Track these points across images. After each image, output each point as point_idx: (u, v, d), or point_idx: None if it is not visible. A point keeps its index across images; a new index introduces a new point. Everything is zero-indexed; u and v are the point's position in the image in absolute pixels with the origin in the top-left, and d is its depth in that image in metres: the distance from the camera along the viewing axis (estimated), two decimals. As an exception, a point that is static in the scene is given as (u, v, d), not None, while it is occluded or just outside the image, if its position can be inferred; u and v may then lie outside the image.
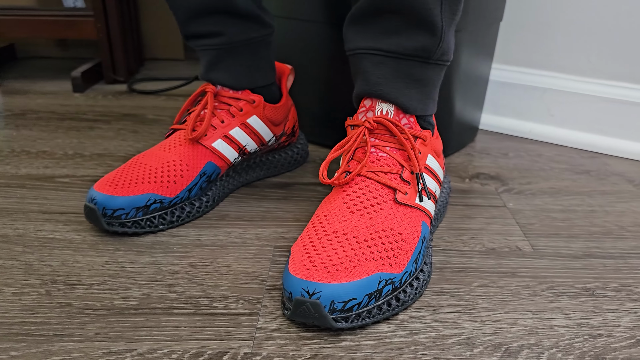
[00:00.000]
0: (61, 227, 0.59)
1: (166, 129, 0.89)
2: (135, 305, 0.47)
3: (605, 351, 0.43)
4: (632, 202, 0.68)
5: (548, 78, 0.86)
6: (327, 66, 0.78)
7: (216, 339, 0.43)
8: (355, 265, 0.44)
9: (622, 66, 0.81)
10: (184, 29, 0.63)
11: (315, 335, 0.44)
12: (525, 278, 0.52)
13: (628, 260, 0.55)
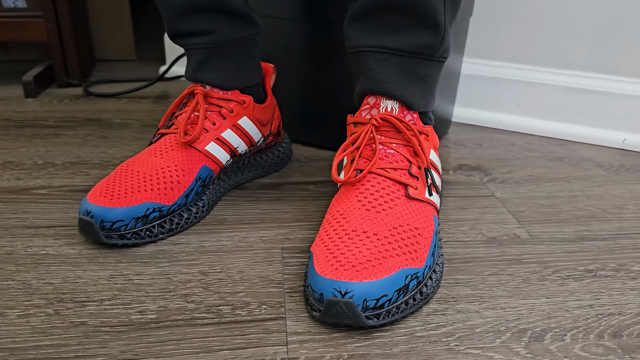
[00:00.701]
0: (52, 241, 0.56)
1: (136, 133, 0.86)
2: (155, 318, 0.45)
3: (620, 328, 0.45)
4: (606, 185, 0.72)
5: (514, 70, 0.90)
6: (306, 64, 0.77)
7: (248, 347, 0.42)
8: (381, 262, 0.44)
9: (583, 56, 0.85)
10: (172, 26, 0.61)
11: (346, 335, 0.44)
12: (530, 264, 0.54)
13: (618, 241, 0.58)
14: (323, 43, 0.76)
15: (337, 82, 0.77)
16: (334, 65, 0.76)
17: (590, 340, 0.44)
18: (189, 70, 0.63)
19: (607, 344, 0.43)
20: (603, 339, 0.44)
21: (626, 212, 0.65)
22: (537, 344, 0.43)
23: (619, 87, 0.83)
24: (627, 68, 0.83)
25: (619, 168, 0.78)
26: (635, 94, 0.82)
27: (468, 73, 0.91)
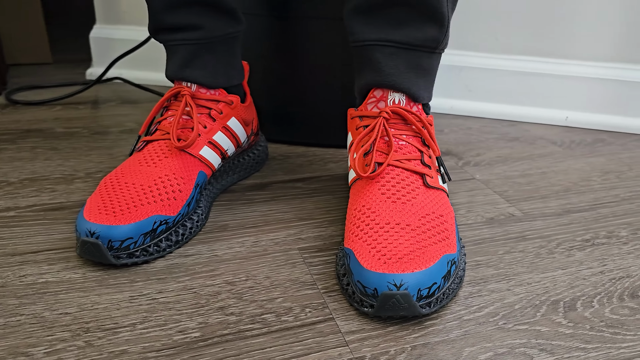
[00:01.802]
0: (46, 267, 0.50)
1: (89, 142, 0.80)
2: (200, 336, 0.43)
3: (634, 289, 0.49)
4: (567, 161, 0.78)
5: (464, 57, 0.94)
6: (277, 60, 0.76)
7: (311, 352, 0.41)
8: (423, 252, 0.45)
9: (526, 42, 0.91)
10: (158, 20, 0.57)
11: (399, 328, 0.44)
12: (534, 239, 0.57)
13: (598, 211, 0.64)
14: (290, 39, 0.75)
15: (307, 78, 0.76)
16: (303, 61, 0.75)
17: (614, 304, 0.47)
18: (173, 68, 0.60)
19: (630, 305, 0.47)
20: (624, 301, 0.48)
21: (594, 184, 0.71)
22: (573, 313, 0.46)
23: (559, 69, 0.90)
24: (566, 51, 0.90)
25: (570, 144, 0.85)
26: (575, 75, 0.90)
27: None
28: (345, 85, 0.76)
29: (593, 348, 0.42)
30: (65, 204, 0.62)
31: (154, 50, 1.01)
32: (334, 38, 0.74)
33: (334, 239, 0.57)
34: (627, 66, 0.88)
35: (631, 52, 0.87)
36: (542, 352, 0.41)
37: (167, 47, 0.60)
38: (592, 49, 0.89)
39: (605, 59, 0.89)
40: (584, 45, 0.89)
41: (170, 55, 0.60)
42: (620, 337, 0.43)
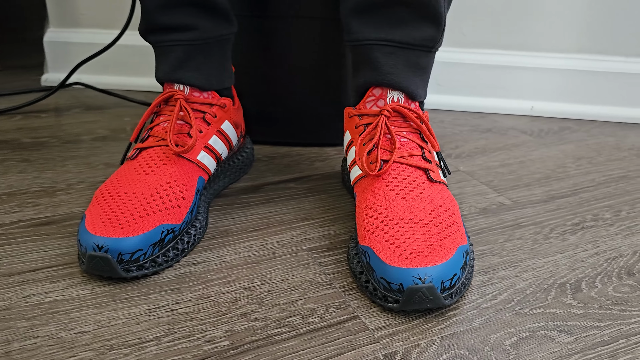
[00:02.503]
0: (50, 286, 0.48)
1: (63, 152, 0.77)
2: (230, 344, 0.42)
3: (629, 268, 0.53)
4: (540, 149, 0.82)
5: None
6: (257, 60, 0.75)
7: (345, 352, 0.42)
8: (440, 245, 0.46)
9: (491, 36, 0.95)
10: (151, 19, 0.55)
11: (424, 320, 0.45)
12: (529, 226, 0.60)
13: (580, 195, 0.67)
14: (271, 38, 0.74)
15: (288, 78, 0.76)
16: (283, 61, 0.75)
17: (615, 282, 0.50)
18: (165, 70, 0.58)
19: (629, 282, 0.50)
20: (622, 279, 0.51)
21: (570, 170, 0.74)
22: (580, 294, 0.48)
23: (525, 61, 0.94)
24: (531, 44, 0.94)
25: (540, 132, 0.88)
26: (539, 67, 0.94)
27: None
28: (327, 83, 0.77)
29: (606, 325, 0.45)
30: (53, 218, 0.59)
31: (115, 54, 0.98)
32: (314, 37, 0.74)
33: (340, 238, 0.57)
34: (590, 57, 0.93)
35: (593, 44, 0.92)
36: (561, 333, 0.44)
37: (158, 49, 0.58)
38: (556, 42, 0.93)
39: (568, 50, 0.93)
40: (548, 38, 0.93)
41: (161, 57, 0.58)
42: (627, 314, 0.46)
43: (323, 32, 0.74)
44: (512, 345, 0.42)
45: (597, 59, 0.93)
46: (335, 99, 0.78)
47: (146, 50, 1.03)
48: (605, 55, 0.93)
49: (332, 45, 0.75)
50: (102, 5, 1.04)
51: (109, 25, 1.05)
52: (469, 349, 0.42)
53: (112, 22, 1.04)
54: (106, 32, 1.04)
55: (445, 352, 0.42)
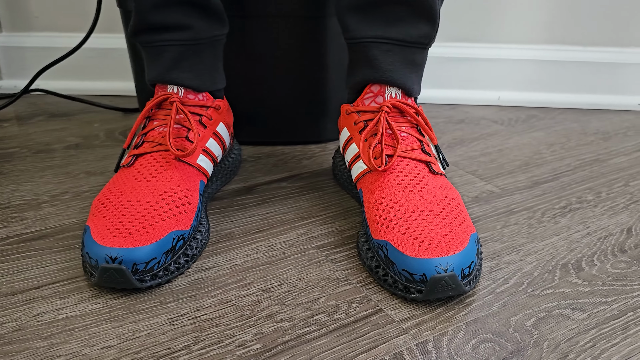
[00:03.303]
0: (59, 302, 0.46)
1: (37, 162, 0.74)
2: (262, 347, 0.42)
3: (620, 245, 0.56)
4: (514, 137, 0.85)
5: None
6: (237, 60, 0.74)
7: (377, 345, 0.42)
8: (454, 234, 0.48)
9: (459, 29, 0.97)
10: (145, 19, 0.54)
11: (445, 308, 0.46)
12: (521, 212, 0.62)
13: (561, 179, 0.71)
14: (251, 37, 0.74)
15: (270, 77, 0.76)
16: (264, 60, 0.74)
17: (611, 260, 0.53)
18: (158, 70, 0.57)
19: (623, 259, 0.54)
20: (617, 256, 0.54)
21: (546, 156, 0.78)
22: (583, 273, 0.51)
23: (491, 53, 0.98)
24: (496, 36, 0.97)
25: (510, 121, 0.92)
26: (503, 58, 0.97)
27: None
28: (309, 82, 0.77)
29: (612, 300, 0.47)
30: (44, 232, 0.57)
31: (74, 58, 0.95)
32: (295, 36, 0.74)
33: (346, 234, 0.58)
34: (553, 47, 0.97)
35: (556, 34, 0.97)
36: (575, 310, 0.46)
37: (151, 49, 0.57)
38: (520, 33, 0.97)
39: (531, 42, 0.97)
40: (512, 29, 0.97)
41: (154, 58, 0.57)
42: (629, 288, 0.49)
43: (303, 31, 0.74)
44: (533, 325, 0.44)
45: (558, 49, 0.97)
46: (317, 97, 0.78)
47: (108, 53, 1.00)
48: (565, 45, 0.97)
49: (312, 44, 0.75)
50: (56, 8, 1.00)
51: (64, 28, 1.01)
52: (495, 333, 0.43)
53: (68, 25, 1.00)
54: (63, 35, 1.00)
55: (473, 337, 0.43)
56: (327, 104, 0.79)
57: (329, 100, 0.79)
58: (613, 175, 0.72)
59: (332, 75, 0.77)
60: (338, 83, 0.79)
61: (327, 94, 0.79)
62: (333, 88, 0.79)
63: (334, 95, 0.79)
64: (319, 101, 0.79)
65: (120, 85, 1.02)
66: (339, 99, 0.80)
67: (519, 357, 0.41)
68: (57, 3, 0.99)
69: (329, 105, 0.79)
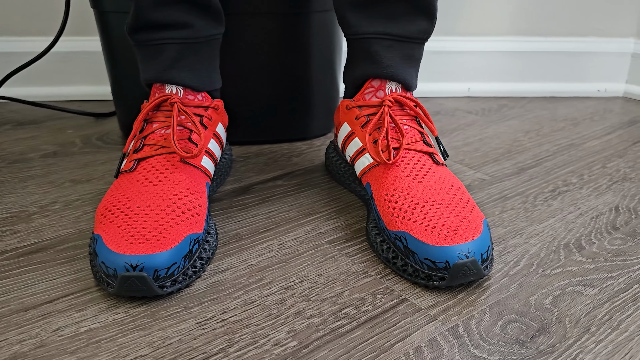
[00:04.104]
0: (77, 315, 0.45)
1: (15, 173, 0.70)
2: (299, 344, 0.42)
3: (612, 223, 0.59)
4: (490, 126, 0.88)
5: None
6: (220, 59, 0.74)
7: (411, 333, 0.43)
8: (469, 221, 0.49)
9: (428, 24, 1.00)
10: (144, 16, 0.53)
11: (466, 293, 0.48)
12: (514, 197, 0.65)
13: (543, 165, 0.74)
14: (233, 36, 0.73)
15: (253, 75, 0.75)
16: (247, 58, 0.74)
17: (607, 237, 0.56)
18: (157, 69, 0.55)
19: (617, 236, 0.57)
20: (612, 234, 0.57)
21: (524, 142, 0.81)
22: (585, 251, 0.54)
23: (459, 46, 1.00)
24: (465, 29, 1.00)
25: (483, 111, 0.95)
26: (472, 50, 1.01)
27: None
28: (292, 79, 0.77)
29: (617, 275, 0.50)
30: (42, 244, 0.55)
31: (38, 63, 0.91)
32: (275, 33, 0.74)
33: (353, 228, 0.58)
34: (519, 39, 1.01)
35: (523, 26, 1.01)
36: (586, 287, 0.48)
37: (148, 48, 0.55)
38: (488, 26, 1.00)
39: (499, 33, 1.01)
40: (480, 22, 1.00)
41: (151, 57, 0.55)
42: (629, 262, 0.52)
43: (284, 28, 0.74)
44: (551, 303, 0.46)
45: (523, 40, 1.01)
46: (302, 94, 0.79)
47: (74, 57, 0.96)
48: (530, 37, 1.01)
49: (295, 41, 0.75)
50: (19, 11, 0.95)
51: (28, 32, 0.96)
52: (518, 313, 0.45)
53: (32, 29, 0.96)
54: (26, 39, 0.96)
55: (499, 318, 0.44)
56: (312, 101, 0.80)
57: (313, 96, 0.79)
58: (590, 158, 0.76)
59: (316, 71, 0.78)
60: (322, 79, 0.79)
61: (311, 90, 0.79)
62: (317, 84, 0.79)
63: (319, 91, 0.80)
64: (304, 98, 0.79)
65: (89, 89, 0.99)
66: (323, 95, 0.80)
67: (545, 334, 0.43)
68: (20, 6, 0.95)
69: (313, 101, 0.80)
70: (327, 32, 0.77)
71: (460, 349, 0.41)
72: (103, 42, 0.77)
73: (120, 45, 0.75)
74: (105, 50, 0.78)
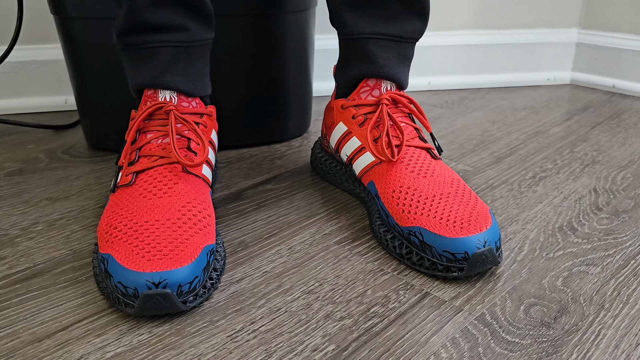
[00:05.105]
0: (97, 340, 0.43)
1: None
2: (337, 347, 0.42)
3: (595, 203, 0.63)
4: (458, 118, 0.91)
5: (336, 40, 1.00)
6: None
7: (443, 325, 0.44)
8: (478, 212, 0.51)
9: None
10: (139, 17, 0.51)
11: (483, 282, 0.49)
12: (500, 185, 0.67)
13: (517, 153, 0.77)
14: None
15: (228, 79, 0.74)
16: (220, 61, 0.72)
17: (594, 218, 0.60)
18: (151, 73, 0.53)
19: (603, 215, 0.60)
20: (597, 214, 0.61)
21: (494, 132, 0.85)
22: (578, 232, 0.57)
23: (420, 41, 1.03)
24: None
25: (447, 104, 0.98)
26: (431, 45, 1.03)
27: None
28: (268, 81, 0.76)
29: (614, 252, 0.53)
30: (36, 269, 0.51)
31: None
32: (247, 35, 0.73)
33: (356, 226, 0.58)
34: (475, 32, 1.05)
35: (478, 20, 1.04)
36: (589, 266, 0.51)
37: (140, 51, 0.53)
38: (446, 21, 1.03)
39: (456, 27, 1.04)
40: (437, 18, 1.03)
41: (144, 61, 0.53)
42: (620, 240, 0.56)
43: (259, 29, 0.73)
44: (563, 284, 0.49)
45: (477, 33, 1.05)
46: (278, 95, 0.78)
47: (23, 67, 0.91)
48: (483, 30, 1.05)
49: (268, 42, 0.74)
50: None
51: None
52: (535, 296, 0.47)
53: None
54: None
55: (520, 303, 0.46)
56: (288, 102, 0.79)
57: (289, 97, 0.79)
58: (557, 144, 0.80)
59: (291, 72, 0.77)
60: (297, 80, 0.79)
61: (287, 91, 0.78)
62: (293, 85, 0.79)
63: (294, 92, 0.79)
64: (280, 99, 0.78)
65: (41, 101, 0.93)
66: (298, 96, 0.80)
67: (566, 314, 0.45)
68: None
69: (290, 102, 0.79)
70: (302, 32, 0.77)
71: (493, 336, 0.43)
72: (66, 50, 0.73)
73: (86, 52, 0.72)
74: (68, 58, 0.74)
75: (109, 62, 0.72)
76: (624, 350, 0.41)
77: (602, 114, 0.93)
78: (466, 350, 0.41)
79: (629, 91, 1.03)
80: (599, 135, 0.83)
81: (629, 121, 0.89)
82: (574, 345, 0.42)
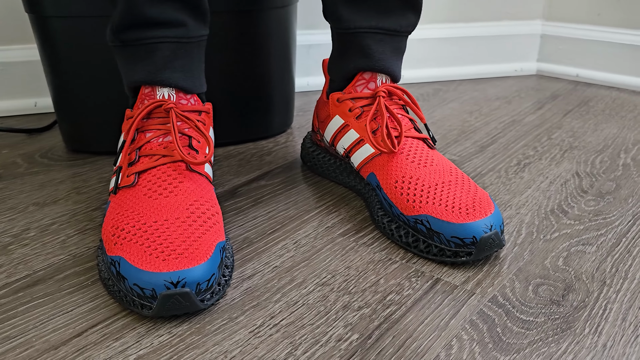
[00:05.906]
0: (117, 344, 0.42)
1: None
2: (361, 336, 0.42)
3: (581, 186, 0.66)
4: (436, 110, 0.93)
5: (311, 35, 1.01)
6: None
7: (459, 309, 0.45)
8: (480, 198, 0.53)
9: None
10: (138, 12, 0.50)
11: (489, 266, 0.51)
12: (488, 173, 0.70)
13: (499, 141, 0.80)
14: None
15: (212, 77, 0.73)
16: (205, 58, 0.72)
17: (581, 200, 0.63)
18: (149, 70, 0.52)
19: (589, 198, 0.63)
20: (584, 197, 0.64)
21: (473, 122, 0.87)
22: (569, 214, 0.60)
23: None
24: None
25: (423, 96, 1.00)
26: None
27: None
28: (252, 77, 0.76)
29: (606, 231, 0.56)
30: (37, 276, 0.50)
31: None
32: (231, 32, 0.72)
33: (357, 218, 0.59)
34: (446, 25, 1.07)
35: (449, 14, 1.06)
36: (586, 245, 0.54)
37: (138, 47, 0.52)
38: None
39: (427, 22, 1.06)
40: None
41: (141, 57, 0.52)
42: (609, 220, 0.58)
43: (242, 26, 0.73)
44: (564, 264, 0.51)
45: (449, 27, 1.07)
46: (262, 92, 0.78)
47: (-6, 68, 0.87)
48: (455, 23, 1.08)
49: (251, 39, 0.74)
50: None
51: None
52: (541, 276, 0.49)
53: None
54: None
55: (528, 284, 0.48)
56: (272, 98, 0.79)
57: (274, 93, 0.79)
58: (534, 131, 0.83)
59: (275, 68, 0.77)
60: (281, 75, 0.79)
61: (271, 87, 0.78)
62: (277, 81, 0.78)
63: (278, 87, 0.79)
64: (265, 96, 0.78)
65: (10, 104, 0.89)
66: (282, 92, 0.80)
67: (572, 292, 0.47)
68: None
69: (274, 98, 0.79)
70: (285, 28, 0.77)
71: (508, 316, 0.44)
72: (43, 51, 0.71)
73: (65, 52, 0.69)
74: (46, 59, 0.71)
75: (89, 62, 0.70)
76: (630, 322, 0.43)
77: (570, 102, 0.97)
78: (485, 331, 0.42)
79: (592, 79, 1.07)
80: (572, 122, 0.87)
81: (596, 108, 0.94)
82: (585, 320, 0.44)
